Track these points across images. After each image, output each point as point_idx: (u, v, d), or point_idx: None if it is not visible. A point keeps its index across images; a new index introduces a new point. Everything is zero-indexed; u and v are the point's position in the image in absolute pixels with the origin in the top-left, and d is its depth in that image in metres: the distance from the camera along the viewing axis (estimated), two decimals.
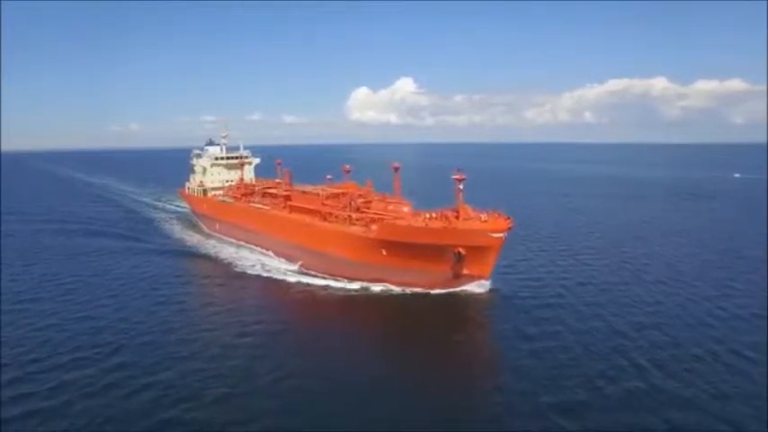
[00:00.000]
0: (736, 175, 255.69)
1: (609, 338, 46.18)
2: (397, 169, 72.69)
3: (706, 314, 52.29)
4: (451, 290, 59.38)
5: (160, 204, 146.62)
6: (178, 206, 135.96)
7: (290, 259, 75.84)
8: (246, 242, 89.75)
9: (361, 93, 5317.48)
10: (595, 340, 45.70)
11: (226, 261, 79.41)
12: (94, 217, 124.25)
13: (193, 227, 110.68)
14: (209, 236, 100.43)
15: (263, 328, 50.92)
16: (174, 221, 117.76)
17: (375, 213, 68.08)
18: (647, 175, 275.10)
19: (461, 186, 58.87)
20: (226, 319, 53.58)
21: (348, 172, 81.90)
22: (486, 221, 57.27)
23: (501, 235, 55.62)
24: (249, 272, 72.72)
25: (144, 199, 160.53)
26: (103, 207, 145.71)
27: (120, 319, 52.57)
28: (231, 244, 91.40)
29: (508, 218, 58.72)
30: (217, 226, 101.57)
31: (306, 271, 70.71)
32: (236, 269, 74.49)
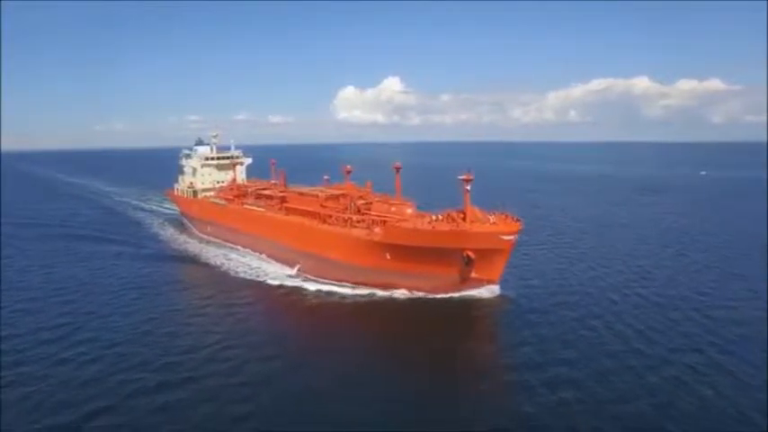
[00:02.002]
0: (702, 173, 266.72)
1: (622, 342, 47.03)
2: (398, 169, 71.83)
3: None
4: (459, 294, 58.31)
5: (146, 206, 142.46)
6: (166, 208, 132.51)
7: (286, 263, 74.21)
8: (240, 245, 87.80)
9: (348, 92, 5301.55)
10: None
11: (217, 265, 77.40)
12: (79, 219, 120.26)
13: (183, 229, 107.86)
14: (199, 239, 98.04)
15: (257, 333, 49.82)
16: (163, 224, 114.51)
17: (377, 215, 66.59)
18: (623, 173, 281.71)
19: (468, 187, 57.02)
20: (217, 321, 52.47)
21: (349, 173, 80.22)
22: (495, 224, 56.83)
23: (512, 237, 55.12)
24: (242, 276, 70.84)
25: (127, 199, 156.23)
26: (88, 209, 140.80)
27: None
28: (223, 247, 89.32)
29: (518, 219, 57.80)
30: (208, 228, 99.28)
31: (304, 275, 69.20)
32: (228, 273, 72.65)
